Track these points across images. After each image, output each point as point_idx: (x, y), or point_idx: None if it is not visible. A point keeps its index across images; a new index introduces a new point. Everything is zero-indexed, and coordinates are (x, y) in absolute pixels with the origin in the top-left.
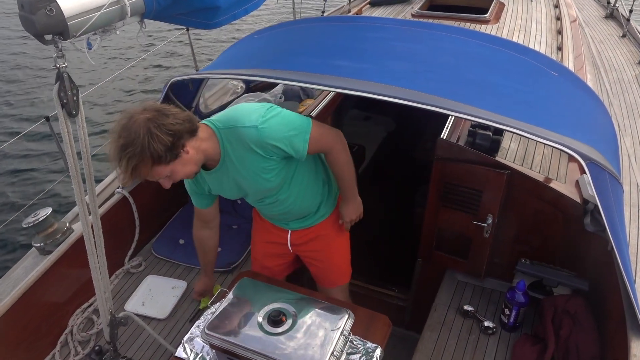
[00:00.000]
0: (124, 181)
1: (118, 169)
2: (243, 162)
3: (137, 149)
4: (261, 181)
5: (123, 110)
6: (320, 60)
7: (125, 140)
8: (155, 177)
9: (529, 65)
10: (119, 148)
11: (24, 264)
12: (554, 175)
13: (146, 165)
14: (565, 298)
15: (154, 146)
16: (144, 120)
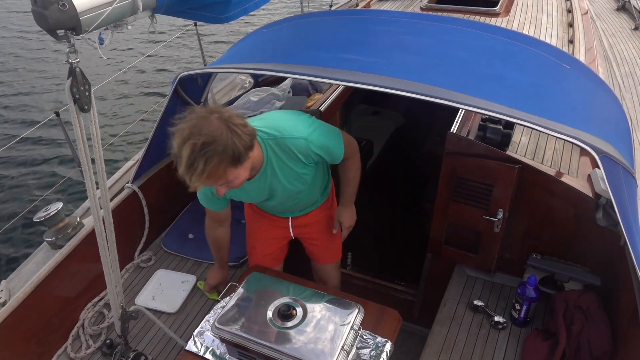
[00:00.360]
0: (193, 187)
1: (188, 173)
2: (283, 169)
3: (219, 147)
4: (296, 185)
5: (187, 114)
6: (329, 54)
7: (206, 138)
8: (221, 182)
9: (541, 57)
10: (199, 146)
11: (35, 258)
12: (565, 170)
13: (223, 166)
14: (577, 293)
15: (237, 144)
16: (220, 119)
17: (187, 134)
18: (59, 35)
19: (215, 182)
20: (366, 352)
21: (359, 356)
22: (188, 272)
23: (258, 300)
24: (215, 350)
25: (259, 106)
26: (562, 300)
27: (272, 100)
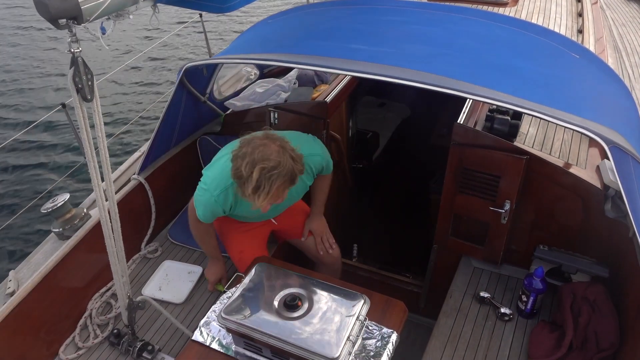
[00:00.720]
0: (257, 204)
1: (256, 193)
2: (300, 183)
3: (283, 171)
4: (299, 195)
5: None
6: (335, 44)
7: (273, 163)
8: (277, 199)
9: (550, 47)
10: (268, 170)
11: (43, 248)
12: (574, 161)
13: (285, 186)
14: (585, 285)
15: (294, 169)
16: (281, 147)
17: (257, 158)
18: (61, 24)
19: (275, 200)
20: (372, 342)
21: (364, 347)
22: (194, 263)
23: (264, 291)
24: (221, 340)
25: (264, 97)
26: (569, 292)
27: (278, 92)
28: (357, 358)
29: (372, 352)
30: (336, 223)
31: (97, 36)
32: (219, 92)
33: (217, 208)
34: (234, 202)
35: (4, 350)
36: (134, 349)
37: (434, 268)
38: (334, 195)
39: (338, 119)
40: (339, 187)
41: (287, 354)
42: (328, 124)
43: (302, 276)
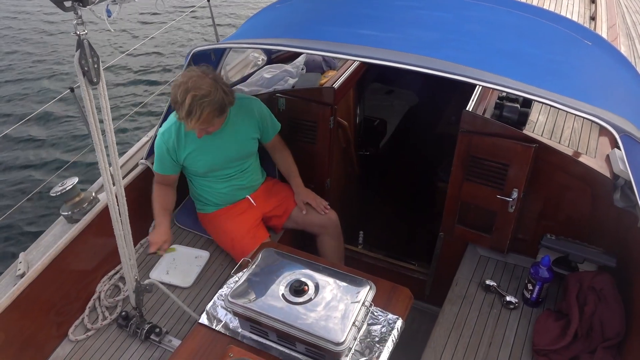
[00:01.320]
0: (189, 126)
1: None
2: (242, 124)
3: (213, 99)
4: (248, 142)
5: (185, 72)
6: (343, 29)
7: (204, 92)
8: (206, 126)
9: (561, 33)
10: (198, 98)
11: (52, 231)
12: (583, 150)
13: (214, 114)
14: (591, 274)
15: (225, 100)
16: (213, 79)
17: (191, 85)
18: (66, 6)
19: (203, 125)
20: (377, 328)
21: (370, 332)
22: (201, 248)
23: (270, 276)
24: (228, 323)
25: (272, 83)
26: (575, 281)
27: (285, 77)
28: (362, 343)
29: (377, 337)
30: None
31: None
32: (227, 78)
33: (162, 146)
34: (176, 140)
35: (15, 331)
36: (141, 331)
37: (439, 256)
38: (341, 182)
39: (345, 105)
40: (345, 174)
41: (293, 338)
42: (335, 110)
43: (308, 262)
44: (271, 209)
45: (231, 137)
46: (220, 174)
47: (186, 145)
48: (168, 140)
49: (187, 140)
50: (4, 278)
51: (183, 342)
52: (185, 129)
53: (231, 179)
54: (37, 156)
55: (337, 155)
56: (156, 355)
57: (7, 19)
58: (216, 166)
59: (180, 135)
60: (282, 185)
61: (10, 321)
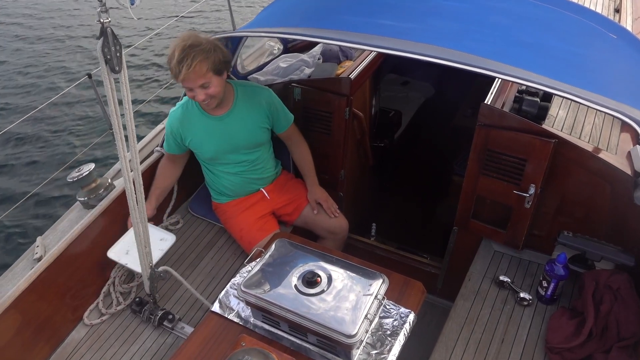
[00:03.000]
0: (181, 76)
1: (178, 66)
2: (250, 112)
3: (204, 49)
4: (257, 131)
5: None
6: (361, 19)
7: (194, 42)
8: (201, 81)
9: (585, 26)
10: (188, 46)
11: (69, 216)
12: (604, 146)
13: (204, 66)
14: (608, 273)
15: (216, 53)
16: (207, 37)
17: (181, 39)
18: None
19: (198, 79)
20: (389, 321)
21: (381, 325)
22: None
23: (283, 266)
24: (240, 312)
25: (288, 72)
26: (592, 280)
27: (302, 67)
28: (373, 336)
29: (388, 330)
30: (355, 201)
31: (126, 6)
32: (242, 67)
33: (169, 126)
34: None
35: (32, 313)
36: (155, 317)
37: (453, 250)
38: (355, 173)
39: (361, 96)
40: (359, 165)
41: (305, 329)
42: (351, 100)
43: (321, 253)
44: (283, 205)
45: (238, 124)
46: (229, 162)
47: (191, 128)
48: (174, 121)
49: (193, 124)
50: (21, 261)
51: (195, 330)
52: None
53: (242, 169)
54: (54, 142)
55: (352, 146)
56: (169, 342)
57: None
58: (222, 152)
59: (186, 117)
60: (297, 182)
61: (27, 304)
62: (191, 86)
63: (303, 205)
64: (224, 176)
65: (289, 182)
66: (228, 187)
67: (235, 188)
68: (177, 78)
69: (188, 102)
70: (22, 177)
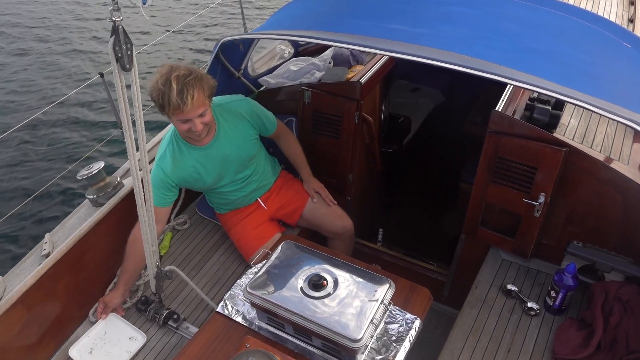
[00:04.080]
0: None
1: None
2: (234, 131)
3: (197, 77)
4: (248, 144)
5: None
6: (373, 23)
7: (185, 71)
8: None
9: (599, 34)
10: (182, 76)
11: (78, 214)
12: (616, 156)
13: (202, 94)
14: (618, 284)
15: (207, 79)
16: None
17: (168, 71)
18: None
19: (199, 108)
20: (395, 327)
21: (387, 331)
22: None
23: (290, 269)
24: (245, 314)
25: (298, 76)
26: (601, 291)
27: (312, 70)
28: (378, 341)
29: (394, 336)
30: (363, 205)
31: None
32: (253, 69)
33: (159, 173)
34: (173, 162)
35: (39, 308)
36: (160, 317)
37: (460, 257)
38: (363, 178)
39: (371, 101)
40: (368, 170)
41: (310, 332)
42: (361, 105)
43: (328, 257)
44: (281, 207)
45: (228, 145)
46: (229, 183)
47: (184, 166)
48: (166, 166)
49: (185, 161)
50: (29, 257)
51: (200, 330)
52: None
53: (240, 186)
54: (65, 140)
55: (361, 150)
56: (173, 341)
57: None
58: (220, 177)
59: (176, 158)
60: (294, 183)
61: (34, 299)
62: (191, 117)
63: (303, 205)
64: (223, 195)
65: (286, 184)
66: (229, 204)
67: (236, 203)
68: (179, 110)
69: (170, 143)
70: (32, 173)
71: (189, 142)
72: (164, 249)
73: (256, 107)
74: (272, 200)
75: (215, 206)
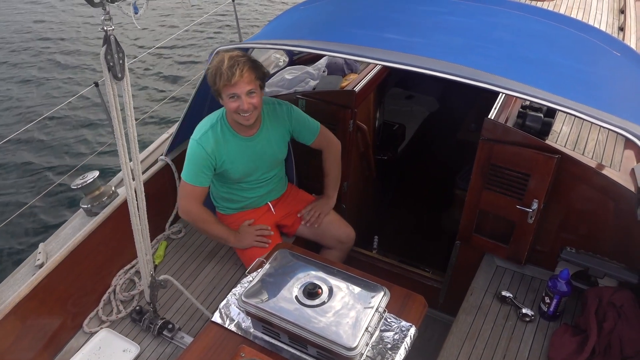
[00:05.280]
0: (234, 79)
1: (230, 69)
2: (276, 129)
3: (250, 59)
4: (282, 148)
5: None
6: (367, 32)
7: (239, 53)
8: (250, 87)
9: (589, 43)
10: (236, 56)
11: (72, 223)
12: (607, 163)
13: (253, 74)
14: (612, 290)
15: (261, 67)
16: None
17: (224, 55)
18: (95, 2)
19: (248, 84)
20: (390, 335)
21: (382, 339)
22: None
23: (284, 277)
24: (240, 323)
25: (293, 84)
26: (595, 296)
27: (307, 79)
28: (374, 349)
29: (389, 344)
30: (358, 213)
31: (129, 15)
32: None
33: (201, 151)
34: (215, 143)
35: (32, 319)
36: (154, 326)
37: (455, 264)
38: (358, 185)
39: (365, 109)
40: (363, 178)
41: (305, 341)
42: (355, 113)
43: (322, 265)
44: (285, 216)
45: (266, 143)
46: (254, 180)
47: (226, 148)
48: (208, 143)
49: (227, 143)
50: (23, 267)
51: (195, 340)
52: (230, 99)
53: (258, 185)
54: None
55: (355, 158)
56: (168, 351)
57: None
58: (251, 171)
59: (219, 137)
60: (300, 194)
61: (28, 310)
62: (239, 92)
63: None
64: (238, 194)
65: (292, 194)
66: (240, 203)
67: (248, 203)
68: (228, 83)
69: (216, 125)
70: (26, 183)
71: (234, 129)
72: (158, 258)
73: (299, 113)
74: (280, 206)
75: (222, 207)
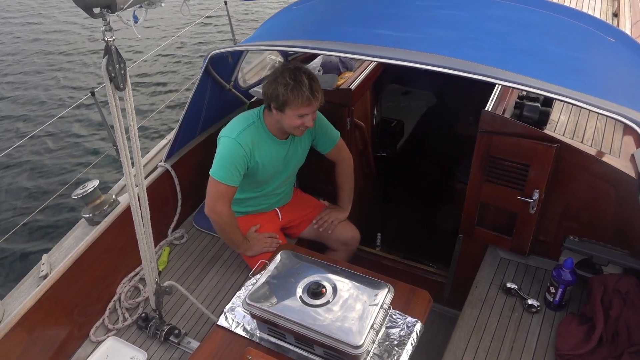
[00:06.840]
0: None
1: (311, 91)
2: (305, 137)
3: (317, 79)
4: (305, 155)
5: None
6: (361, 29)
7: (308, 70)
8: (317, 107)
9: (583, 30)
10: (308, 73)
11: (74, 233)
12: (607, 149)
13: (322, 94)
14: (616, 277)
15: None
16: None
17: (293, 68)
18: (95, 13)
19: (318, 101)
20: (396, 331)
21: (388, 335)
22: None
23: (288, 278)
24: (245, 325)
25: None
26: (600, 284)
27: None
28: (380, 346)
29: (395, 340)
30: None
31: (129, 24)
32: (244, 80)
33: (239, 150)
34: (252, 145)
35: (39, 331)
36: (161, 333)
37: (459, 258)
38: (358, 184)
39: (362, 106)
40: (363, 175)
41: (311, 341)
42: (352, 111)
43: (326, 264)
44: (292, 219)
45: (296, 148)
46: (268, 186)
47: (262, 148)
48: (246, 142)
49: (264, 144)
50: (27, 279)
51: (201, 344)
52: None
53: (270, 189)
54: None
55: (355, 156)
56: (175, 357)
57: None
58: (276, 175)
59: (256, 138)
60: (306, 198)
61: (34, 321)
62: (309, 112)
63: (311, 219)
64: (251, 197)
65: (298, 199)
66: (250, 207)
67: (258, 208)
68: (307, 103)
69: (253, 125)
70: (26, 194)
71: (271, 132)
72: (162, 264)
73: (322, 119)
74: (287, 210)
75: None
